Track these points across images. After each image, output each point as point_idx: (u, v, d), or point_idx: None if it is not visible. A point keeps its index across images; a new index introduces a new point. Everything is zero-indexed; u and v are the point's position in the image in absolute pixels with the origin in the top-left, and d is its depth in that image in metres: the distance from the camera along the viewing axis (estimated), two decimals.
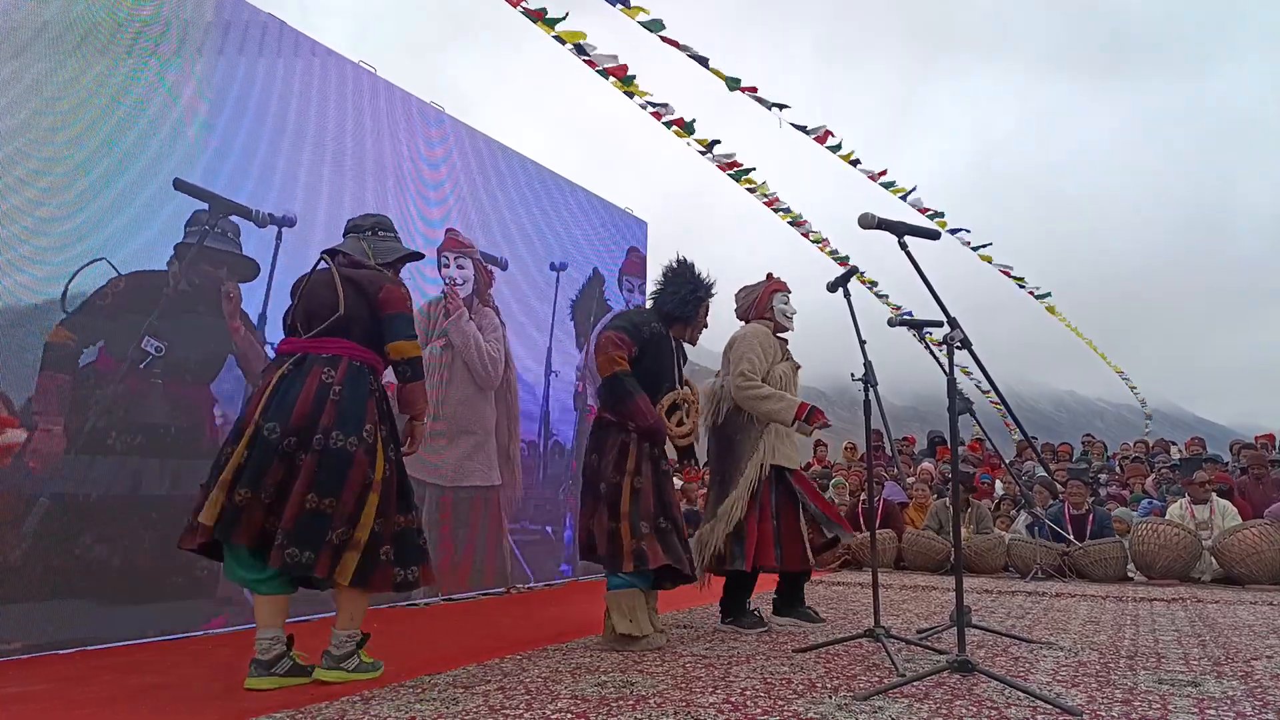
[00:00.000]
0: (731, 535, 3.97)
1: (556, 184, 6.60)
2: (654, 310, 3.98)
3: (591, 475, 3.72)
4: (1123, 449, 12.36)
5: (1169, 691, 2.76)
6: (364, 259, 3.15)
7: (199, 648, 3.55)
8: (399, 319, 3.03)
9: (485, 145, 5.93)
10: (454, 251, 5.74)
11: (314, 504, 2.79)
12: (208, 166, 4.11)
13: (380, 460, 2.92)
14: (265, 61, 4.43)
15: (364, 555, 2.82)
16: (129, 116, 3.80)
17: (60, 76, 3.58)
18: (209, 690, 2.77)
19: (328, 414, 2.85)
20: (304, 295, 3.06)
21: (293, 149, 4.54)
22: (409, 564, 2.96)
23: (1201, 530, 7.08)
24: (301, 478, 2.80)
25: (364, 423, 2.90)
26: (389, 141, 5.13)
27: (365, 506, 2.85)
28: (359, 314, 3.01)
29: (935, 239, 3.34)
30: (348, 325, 2.99)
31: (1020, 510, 8.34)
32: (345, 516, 2.81)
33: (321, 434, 2.83)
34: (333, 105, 4.80)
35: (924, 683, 2.81)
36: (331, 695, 2.66)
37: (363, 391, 2.94)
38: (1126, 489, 9.50)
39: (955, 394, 2.89)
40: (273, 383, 2.91)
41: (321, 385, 2.89)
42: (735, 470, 4.08)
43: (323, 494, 2.80)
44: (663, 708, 2.49)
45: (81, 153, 3.63)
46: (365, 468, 2.87)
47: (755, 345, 4.11)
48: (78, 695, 2.70)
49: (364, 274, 3.07)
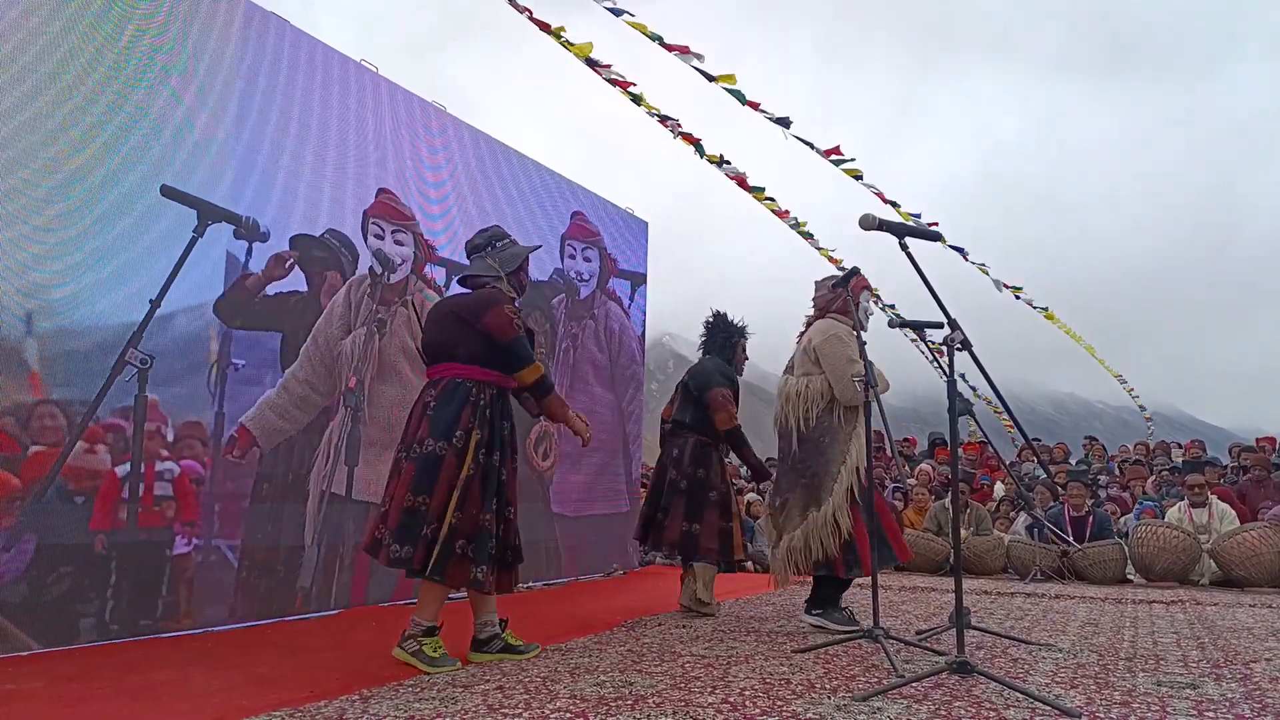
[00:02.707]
0: (846, 543, 3.92)
1: (556, 183, 6.60)
2: (715, 359, 4.87)
3: (699, 485, 4.62)
4: (1121, 451, 12.35)
5: (1168, 693, 2.76)
6: (492, 274, 3.41)
7: (198, 645, 3.55)
8: (515, 345, 3.25)
9: (486, 145, 5.93)
10: (390, 222, 5.08)
11: (411, 503, 3.08)
12: (209, 169, 4.10)
13: (469, 460, 3.13)
14: (267, 60, 4.42)
15: (442, 548, 3.05)
16: (130, 120, 3.78)
17: (62, 81, 3.56)
18: (209, 687, 2.77)
19: (424, 427, 3.17)
20: (423, 331, 3.43)
21: (295, 149, 4.52)
22: (481, 563, 3.09)
23: (1200, 533, 7.08)
24: (403, 480, 3.12)
25: (454, 429, 3.14)
26: (390, 141, 5.13)
27: (449, 503, 3.09)
28: (460, 338, 3.26)
29: (936, 240, 3.34)
30: (451, 350, 3.27)
31: (1019, 512, 8.33)
32: (436, 514, 3.08)
33: (418, 443, 3.15)
34: (335, 104, 4.79)
35: (923, 684, 2.81)
36: (330, 694, 2.66)
37: (456, 402, 3.18)
38: (1127, 491, 9.49)
39: (955, 396, 2.89)
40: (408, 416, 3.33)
41: (424, 405, 3.23)
42: (826, 475, 3.99)
43: (417, 493, 3.09)
44: (661, 707, 2.49)
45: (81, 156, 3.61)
46: (454, 469, 3.12)
47: (854, 345, 4.02)
48: (77, 693, 2.70)
49: (468, 301, 3.33)
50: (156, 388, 3.84)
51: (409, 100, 5.32)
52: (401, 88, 5.27)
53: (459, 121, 5.71)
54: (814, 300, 4.36)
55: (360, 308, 4.84)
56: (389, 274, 5.00)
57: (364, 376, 4.83)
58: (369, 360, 4.87)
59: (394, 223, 5.11)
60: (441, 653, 3.11)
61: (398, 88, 5.24)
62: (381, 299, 4.97)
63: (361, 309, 4.85)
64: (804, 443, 4.10)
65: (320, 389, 4.58)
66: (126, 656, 3.27)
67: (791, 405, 4.15)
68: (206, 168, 4.09)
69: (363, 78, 5.00)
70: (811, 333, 4.21)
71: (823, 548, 3.94)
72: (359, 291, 4.86)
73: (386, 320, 4.98)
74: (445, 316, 3.33)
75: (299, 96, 4.58)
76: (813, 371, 4.12)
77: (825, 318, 4.24)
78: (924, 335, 3.80)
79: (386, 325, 4.98)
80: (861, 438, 3.99)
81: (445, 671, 3.03)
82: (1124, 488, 9.68)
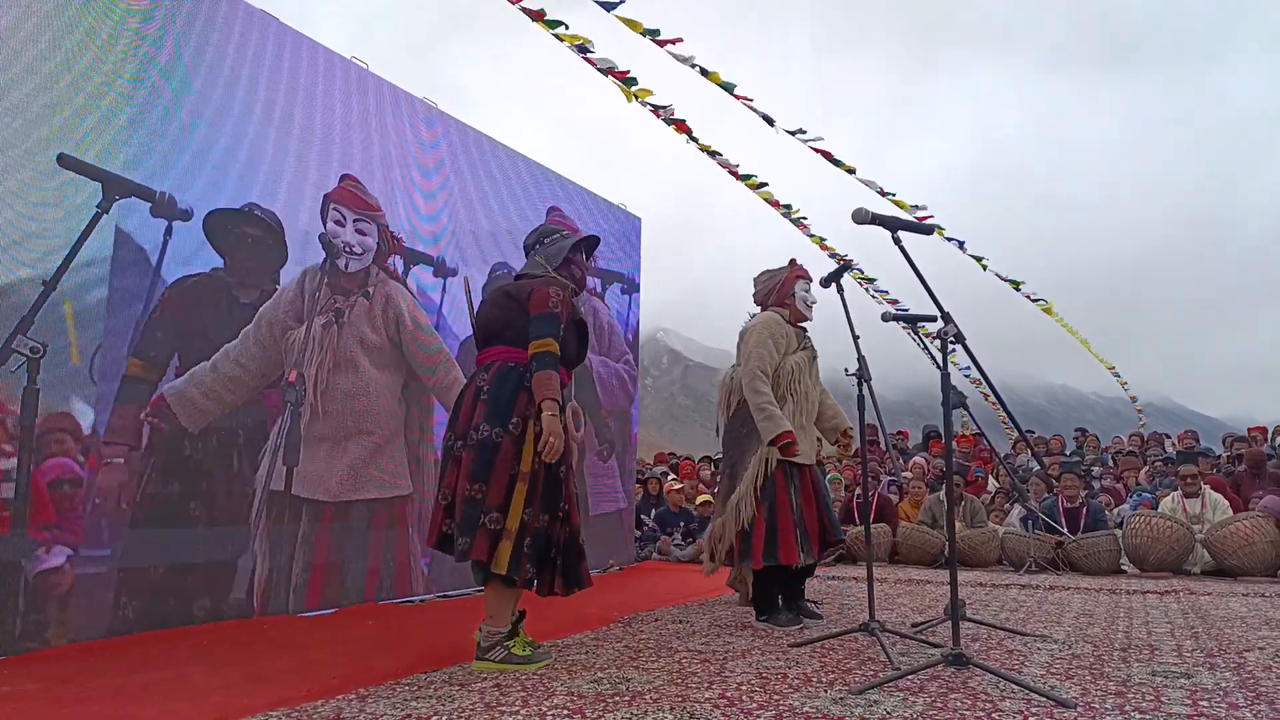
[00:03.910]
0: (742, 533, 3.97)
1: (548, 179, 6.59)
2: None
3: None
4: (1115, 443, 12.39)
5: (1162, 683, 2.78)
6: (542, 271, 3.37)
7: (197, 643, 3.54)
8: (536, 319, 3.16)
9: (479, 141, 5.92)
10: (352, 210, 4.81)
11: (467, 492, 3.01)
12: (194, 163, 4.06)
13: (529, 453, 3.05)
14: (258, 58, 4.39)
15: (515, 544, 2.99)
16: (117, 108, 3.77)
17: (65, 80, 3.54)
18: (207, 685, 2.77)
19: (479, 412, 3.08)
20: (476, 313, 3.37)
21: (279, 144, 4.49)
22: (533, 563, 3.05)
23: (1194, 523, 7.11)
24: (462, 470, 3.04)
25: (510, 415, 3.06)
26: (378, 137, 5.11)
27: (514, 495, 3.02)
28: (511, 319, 3.21)
29: (929, 234, 3.34)
30: (501, 332, 3.22)
31: (1014, 504, 8.36)
32: (496, 504, 3.00)
33: (473, 429, 3.06)
34: (321, 101, 4.77)
35: (919, 676, 2.82)
36: (329, 692, 2.66)
37: (510, 386, 3.10)
38: (1120, 482, 9.53)
39: (949, 388, 2.89)
40: (455, 400, 3.25)
41: (477, 390, 3.14)
42: (741, 465, 4.05)
43: (474, 481, 3.01)
44: (658, 703, 2.50)
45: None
46: (511, 457, 3.04)
47: (767, 339, 4.04)
48: (76, 691, 2.69)
49: (524, 284, 3.28)
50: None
51: (400, 96, 5.30)
52: (392, 84, 5.25)
53: (451, 118, 5.69)
54: (753, 296, 4.39)
55: (315, 296, 4.59)
56: (347, 263, 4.76)
57: (319, 369, 4.56)
58: (325, 352, 4.62)
59: (356, 211, 4.86)
60: (530, 647, 3.09)
61: (389, 84, 5.22)
62: (340, 288, 4.73)
63: (318, 298, 4.60)
64: (728, 433, 4.19)
65: (253, 372, 4.25)
66: (125, 656, 3.26)
67: (721, 395, 4.27)
68: (189, 165, 4.02)
69: (349, 73, 4.98)
70: (746, 325, 4.26)
71: (728, 536, 4.01)
72: (314, 280, 4.61)
73: (344, 311, 4.73)
74: (498, 295, 3.31)
75: (286, 94, 4.55)
76: (739, 363, 4.19)
77: (764, 310, 4.27)
78: (917, 329, 3.81)
79: (344, 316, 4.73)
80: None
81: (542, 665, 3.05)
82: (1118, 479, 9.72)
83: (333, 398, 4.64)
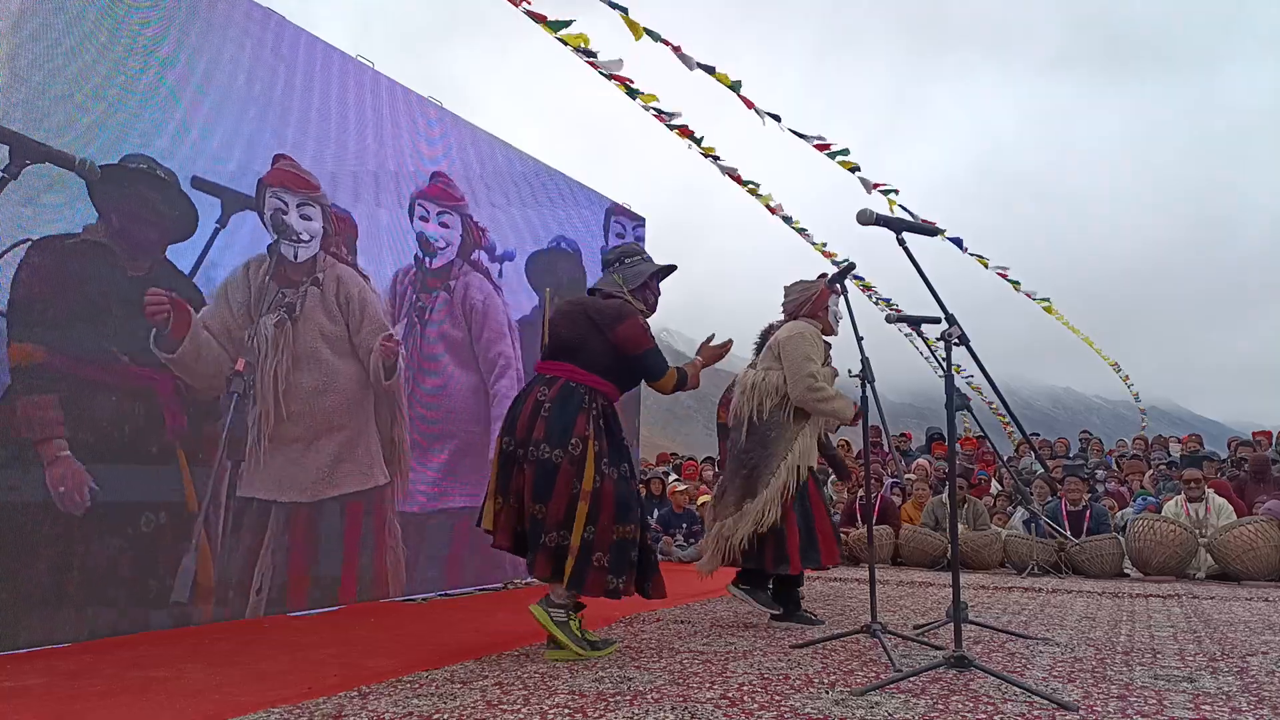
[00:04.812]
0: (767, 536, 3.96)
1: (552, 178, 6.59)
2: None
3: None
4: (1119, 446, 12.37)
5: (1165, 687, 2.77)
6: (618, 290, 3.43)
7: (196, 641, 3.55)
8: (647, 356, 3.31)
9: (482, 140, 5.92)
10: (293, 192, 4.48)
11: (532, 510, 3.16)
12: (201, 160, 4.08)
13: (590, 471, 3.14)
14: (261, 55, 4.40)
15: (578, 560, 3.10)
16: (130, 110, 3.78)
17: (66, 74, 3.56)
18: (207, 683, 2.77)
19: (539, 428, 3.17)
20: (550, 323, 3.43)
21: (277, 135, 4.48)
22: (618, 574, 3.16)
23: (1197, 527, 7.10)
24: (527, 484, 3.16)
25: (570, 436, 3.15)
26: (383, 136, 5.11)
27: (575, 514, 3.12)
28: (586, 342, 3.27)
29: (933, 235, 3.34)
30: (572, 351, 3.28)
31: (1017, 506, 8.35)
32: (557, 522, 3.11)
33: (533, 445, 3.16)
34: (332, 100, 4.78)
35: (920, 678, 2.82)
36: (329, 690, 2.66)
37: (572, 408, 3.19)
38: (1125, 486, 9.52)
39: (952, 390, 2.89)
40: (512, 402, 3.35)
41: (537, 403, 3.22)
42: (766, 469, 4.02)
43: (536, 501, 3.14)
44: (660, 703, 2.50)
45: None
46: (571, 477, 3.13)
47: (817, 345, 4.11)
48: (77, 690, 2.70)
49: (603, 306, 3.34)
50: None
51: (405, 95, 5.30)
52: (398, 83, 5.25)
53: (456, 116, 5.70)
54: (783, 305, 4.38)
55: (264, 291, 4.32)
56: (296, 251, 4.46)
57: (276, 369, 4.32)
58: (281, 351, 4.37)
59: (298, 194, 4.52)
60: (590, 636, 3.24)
61: (395, 83, 5.23)
62: (288, 280, 4.44)
63: (266, 293, 4.32)
64: (752, 434, 4.15)
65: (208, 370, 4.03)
66: (125, 654, 3.27)
67: (746, 396, 4.21)
68: (196, 163, 4.02)
69: (347, 70, 4.98)
70: (779, 332, 4.24)
71: (748, 540, 3.98)
72: (260, 272, 4.30)
73: (296, 304, 4.45)
74: (578, 315, 3.34)
75: (289, 90, 4.56)
76: (773, 367, 4.16)
77: (796, 320, 4.28)
78: (921, 331, 3.80)
79: (297, 309, 4.46)
80: (809, 437, 4.07)
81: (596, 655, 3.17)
82: (1121, 482, 9.70)
83: (296, 397, 4.43)
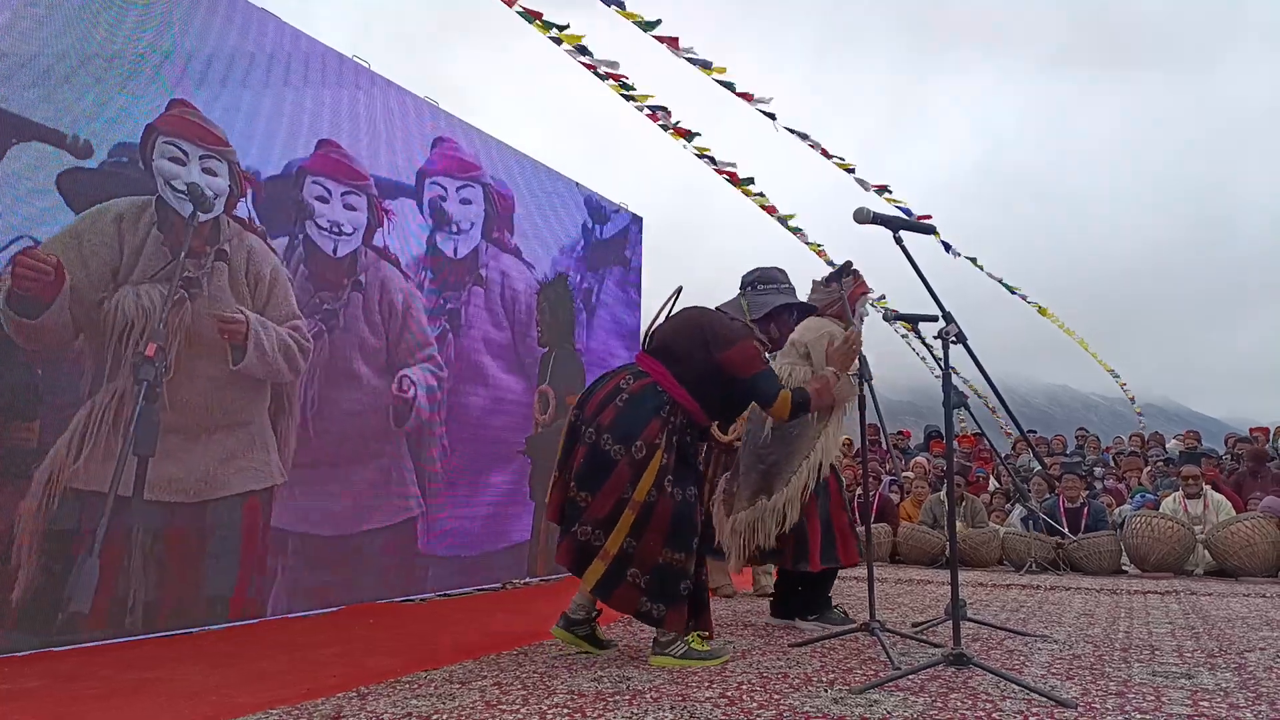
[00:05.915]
0: (787, 534, 3.86)
1: (551, 179, 6.58)
2: None
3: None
4: (1116, 443, 12.39)
5: (1163, 684, 2.78)
6: (738, 314, 3.36)
7: (195, 642, 3.55)
8: (757, 380, 3.15)
9: (480, 141, 5.91)
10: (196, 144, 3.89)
11: (574, 494, 3.03)
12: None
13: (648, 482, 2.96)
14: (260, 57, 4.39)
15: (610, 568, 2.95)
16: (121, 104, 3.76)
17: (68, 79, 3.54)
18: (206, 684, 2.77)
19: (608, 414, 3.04)
20: (664, 317, 3.33)
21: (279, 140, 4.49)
22: (660, 600, 2.98)
23: (1195, 524, 7.11)
24: (575, 467, 3.06)
25: (636, 438, 2.99)
26: (375, 137, 5.11)
27: (619, 521, 2.95)
28: (693, 353, 3.14)
29: (930, 234, 3.34)
30: (675, 356, 3.15)
31: (1015, 504, 8.36)
32: (596, 518, 2.97)
33: (594, 428, 3.03)
34: (325, 101, 4.77)
35: (919, 676, 2.82)
36: (328, 691, 2.66)
37: (648, 408, 3.04)
38: (1122, 483, 9.53)
39: (950, 388, 2.89)
40: (597, 378, 3.28)
41: (616, 389, 3.10)
42: (786, 466, 3.93)
43: (581, 487, 3.02)
44: (659, 702, 2.50)
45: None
46: (625, 481, 2.97)
47: None
48: (75, 692, 2.69)
49: (721, 326, 3.20)
50: None
51: (402, 96, 5.29)
52: (396, 84, 5.24)
53: (452, 116, 5.69)
54: (811, 298, 4.30)
55: (143, 254, 3.66)
56: (194, 213, 3.85)
57: (168, 350, 3.74)
58: (175, 332, 3.77)
59: (201, 145, 3.91)
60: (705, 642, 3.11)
61: (391, 83, 5.22)
62: (190, 250, 3.84)
63: (143, 255, 3.66)
64: (775, 430, 4.04)
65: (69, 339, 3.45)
66: (124, 655, 3.26)
67: None
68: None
69: (343, 70, 4.98)
70: (801, 328, 4.13)
71: (766, 537, 3.90)
72: (138, 231, 3.64)
73: (198, 278, 3.86)
74: (693, 325, 3.21)
75: (289, 93, 4.55)
76: (798, 363, 4.08)
77: (820, 316, 4.17)
78: (918, 329, 3.80)
79: (200, 285, 3.87)
80: (831, 436, 3.96)
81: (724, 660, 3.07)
82: (1119, 479, 9.72)
83: (192, 386, 3.83)
